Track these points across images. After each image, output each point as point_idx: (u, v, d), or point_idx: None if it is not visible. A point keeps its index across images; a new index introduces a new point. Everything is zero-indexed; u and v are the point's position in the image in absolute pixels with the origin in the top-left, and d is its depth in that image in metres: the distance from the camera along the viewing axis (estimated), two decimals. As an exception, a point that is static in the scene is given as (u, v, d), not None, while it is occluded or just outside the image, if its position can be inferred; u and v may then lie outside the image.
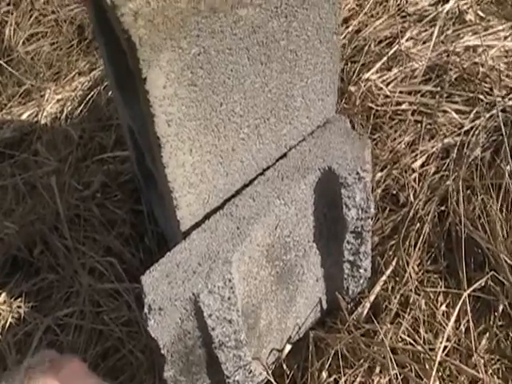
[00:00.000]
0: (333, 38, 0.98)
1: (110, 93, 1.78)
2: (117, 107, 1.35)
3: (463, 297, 1.16)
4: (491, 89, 1.55)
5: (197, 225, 1.01)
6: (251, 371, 1.09)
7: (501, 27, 1.70)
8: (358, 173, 1.05)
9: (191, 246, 0.97)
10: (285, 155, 1.07)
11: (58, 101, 1.85)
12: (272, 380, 1.12)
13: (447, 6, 1.72)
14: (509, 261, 1.21)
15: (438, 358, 1.09)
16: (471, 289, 1.17)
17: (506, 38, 1.68)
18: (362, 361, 1.14)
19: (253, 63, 0.89)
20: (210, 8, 0.79)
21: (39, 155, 1.69)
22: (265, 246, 1.03)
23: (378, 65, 1.60)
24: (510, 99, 1.53)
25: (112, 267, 1.37)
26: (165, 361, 0.94)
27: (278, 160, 1.07)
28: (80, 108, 1.79)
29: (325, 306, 1.28)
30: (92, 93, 1.82)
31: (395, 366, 1.10)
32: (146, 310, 0.91)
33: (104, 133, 1.68)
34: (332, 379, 1.15)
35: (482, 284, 1.20)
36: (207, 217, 1.01)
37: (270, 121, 1.00)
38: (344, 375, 1.13)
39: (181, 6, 0.77)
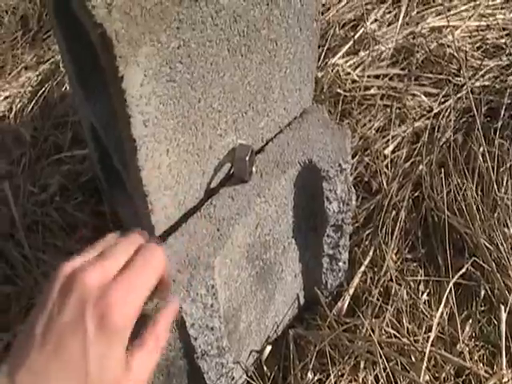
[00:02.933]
0: (312, 25, 0.93)
1: (63, 88, 1.67)
2: (76, 104, 1.26)
3: (449, 286, 1.14)
4: (459, 70, 1.53)
5: (172, 228, 0.95)
6: (234, 378, 1.05)
7: (463, 7, 1.68)
8: (340, 165, 1.01)
9: (169, 252, 0.91)
10: (262, 149, 1.02)
11: (6, 98, 1.73)
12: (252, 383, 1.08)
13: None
14: (488, 245, 1.20)
15: (428, 350, 1.07)
16: (455, 278, 1.15)
17: (469, 17, 1.66)
18: (346, 357, 1.11)
19: (233, 55, 0.83)
20: (191, -3, 0.72)
21: (-13, 158, 1.58)
22: (245, 247, 0.98)
23: (345, 49, 1.55)
24: (477, 80, 1.52)
25: (75, 274, 1.29)
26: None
27: (255, 154, 1.01)
28: (31, 105, 1.67)
29: (302, 301, 1.24)
30: (43, 89, 1.70)
31: (382, 360, 1.08)
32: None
33: (59, 131, 1.57)
34: (316, 379, 1.11)
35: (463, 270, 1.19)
36: (183, 219, 0.95)
37: (248, 114, 0.95)
38: (330, 374, 1.09)
39: (158, -5, 0.70)
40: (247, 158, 0.93)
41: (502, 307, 1.13)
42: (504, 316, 1.13)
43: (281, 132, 1.04)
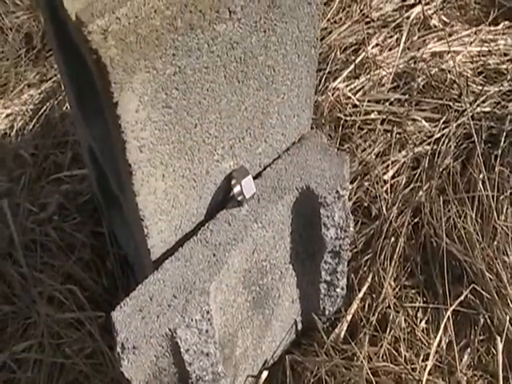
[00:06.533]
0: (311, 52, 0.93)
1: (64, 107, 1.67)
2: (75, 125, 1.27)
3: (447, 314, 1.13)
4: (459, 95, 1.53)
5: (168, 252, 0.95)
6: (229, 403, 1.04)
7: (465, 32, 1.69)
8: (337, 191, 1.00)
9: (164, 276, 0.90)
10: (260, 175, 1.02)
11: (7, 116, 1.73)
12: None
13: (413, 12, 1.69)
14: (488, 273, 1.19)
15: (425, 379, 1.05)
16: (454, 305, 1.14)
17: (470, 43, 1.66)
18: (343, 385, 1.10)
19: (229, 81, 0.83)
20: (188, 24, 0.72)
21: (-13, 175, 1.58)
22: (241, 272, 0.98)
23: (345, 73, 1.56)
24: (478, 105, 1.51)
25: (72, 295, 1.28)
26: (139, 401, 0.88)
27: (253, 179, 1.01)
28: (32, 123, 1.68)
29: (299, 327, 1.23)
30: (44, 107, 1.70)
31: (378, 389, 1.07)
32: (118, 350, 0.84)
33: (59, 150, 1.58)
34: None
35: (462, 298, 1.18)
36: (179, 243, 0.95)
37: (245, 140, 0.94)
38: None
39: (155, 22, 0.70)
40: (243, 183, 0.93)
41: (499, 338, 1.12)
42: (500, 347, 1.11)
43: (278, 157, 1.04)
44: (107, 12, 0.68)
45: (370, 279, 1.24)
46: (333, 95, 1.50)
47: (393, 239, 1.29)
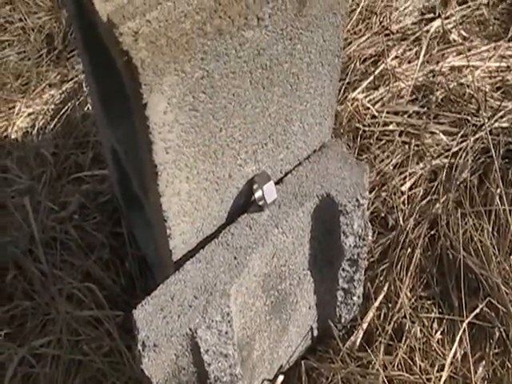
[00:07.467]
0: (334, 61, 0.95)
1: (85, 108, 1.70)
2: (98, 126, 1.29)
3: (463, 326, 1.13)
4: (477, 110, 1.53)
5: (189, 254, 0.96)
6: (244, 406, 1.04)
7: (484, 48, 1.70)
8: (357, 200, 1.01)
9: (186, 277, 0.92)
10: (281, 181, 1.03)
11: (29, 114, 1.76)
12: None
13: (432, 26, 1.70)
14: (503, 287, 1.19)
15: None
16: (470, 317, 1.14)
17: (489, 58, 1.67)
18: (357, 393, 1.10)
19: (255, 87, 0.85)
20: (217, 30, 0.74)
21: (9, 172, 1.60)
22: (261, 276, 0.99)
23: (365, 84, 1.57)
24: (495, 120, 1.52)
25: (91, 293, 1.30)
26: (157, 399, 0.89)
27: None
28: (53, 123, 1.70)
29: (316, 333, 1.24)
30: (66, 107, 1.73)
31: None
32: (139, 347, 0.85)
33: (80, 150, 1.60)
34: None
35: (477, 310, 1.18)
36: (200, 245, 0.96)
37: (268, 146, 0.96)
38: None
39: (185, 26, 0.72)
40: (265, 188, 0.94)
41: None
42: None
43: (300, 164, 1.05)
44: (138, 15, 0.70)
45: (386, 289, 1.25)
46: (352, 105, 1.51)
47: (409, 250, 1.30)
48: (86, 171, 1.54)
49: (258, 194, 0.96)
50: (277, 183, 1.02)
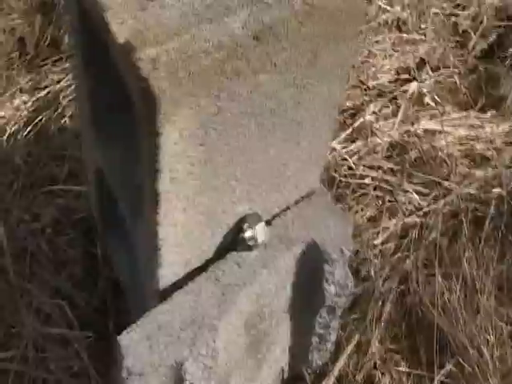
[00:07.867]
0: (333, 112, 0.98)
1: (62, 121, 1.64)
2: (83, 143, 1.25)
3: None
4: (448, 174, 1.60)
5: (176, 284, 0.96)
6: None
7: (455, 115, 1.78)
8: (341, 250, 1.03)
9: (174, 308, 0.91)
10: (269, 223, 1.04)
11: (0, 118, 1.69)
12: None
13: (410, 87, 1.78)
14: (470, 349, 1.22)
15: None
16: (438, 376, 1.16)
17: (460, 126, 1.75)
18: None
19: (260, 129, 0.87)
20: (235, 69, 0.76)
21: (-24, 178, 1.54)
22: (246, 314, 0.99)
23: (343, 135, 1.62)
24: (465, 186, 1.58)
25: (60, 311, 1.25)
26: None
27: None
28: (26, 131, 1.62)
29: (286, 375, 1.23)
30: (40, 116, 1.66)
31: None
32: (124, 375, 0.84)
33: (55, 162, 1.54)
34: None
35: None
36: (188, 276, 0.96)
37: (262, 187, 0.97)
38: None
39: (205, 63, 0.74)
40: (257, 228, 0.95)
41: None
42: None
43: (288, 209, 1.06)
44: (158, 43, 0.71)
45: (357, 337, 1.26)
46: (330, 154, 1.55)
47: (380, 303, 1.32)
48: (60, 185, 1.49)
49: (248, 234, 0.97)
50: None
